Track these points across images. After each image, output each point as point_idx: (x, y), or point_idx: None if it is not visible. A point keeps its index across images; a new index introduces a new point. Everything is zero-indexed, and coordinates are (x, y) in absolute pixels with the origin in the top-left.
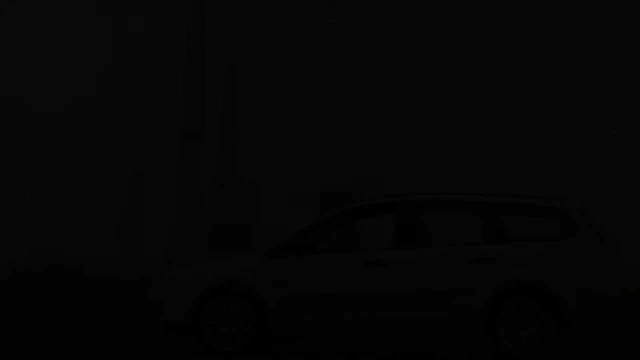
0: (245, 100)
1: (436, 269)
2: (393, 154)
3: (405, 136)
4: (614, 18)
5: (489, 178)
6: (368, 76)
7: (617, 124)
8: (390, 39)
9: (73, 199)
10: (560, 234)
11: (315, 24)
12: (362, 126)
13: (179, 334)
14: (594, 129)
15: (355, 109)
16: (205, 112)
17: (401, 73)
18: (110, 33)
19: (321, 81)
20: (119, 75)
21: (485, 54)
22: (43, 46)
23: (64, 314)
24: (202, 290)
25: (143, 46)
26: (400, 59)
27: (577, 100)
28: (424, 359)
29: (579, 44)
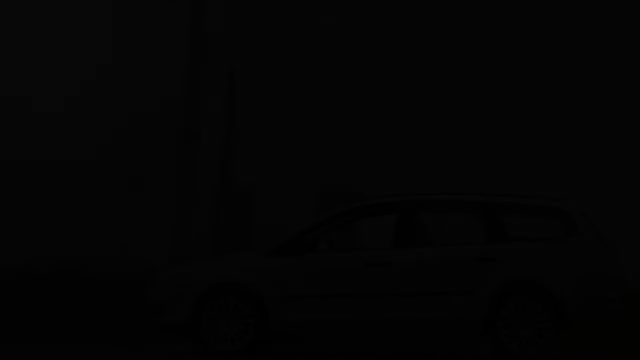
0: (245, 101)
1: (436, 269)
2: (393, 153)
3: (406, 136)
4: (614, 17)
5: (489, 178)
6: (368, 76)
7: (617, 124)
8: (390, 40)
9: (73, 199)
10: (560, 234)
11: (314, 25)
12: (363, 126)
13: (179, 334)
14: (594, 129)
15: (355, 109)
16: (205, 112)
17: (401, 73)
18: (110, 33)
19: (321, 81)
20: (118, 75)
21: (485, 54)
22: (41, 46)
23: (63, 314)
24: (202, 290)
25: (143, 46)
26: (400, 59)
27: (577, 100)
28: (424, 359)
29: (580, 44)
